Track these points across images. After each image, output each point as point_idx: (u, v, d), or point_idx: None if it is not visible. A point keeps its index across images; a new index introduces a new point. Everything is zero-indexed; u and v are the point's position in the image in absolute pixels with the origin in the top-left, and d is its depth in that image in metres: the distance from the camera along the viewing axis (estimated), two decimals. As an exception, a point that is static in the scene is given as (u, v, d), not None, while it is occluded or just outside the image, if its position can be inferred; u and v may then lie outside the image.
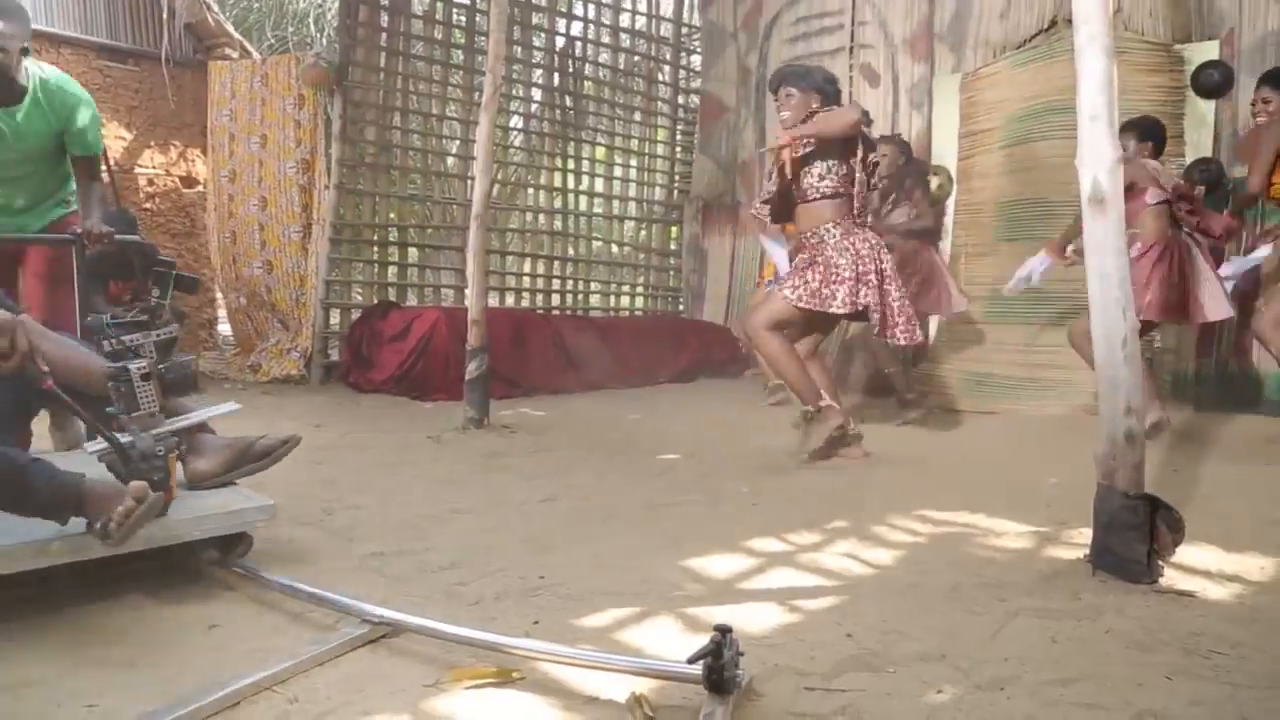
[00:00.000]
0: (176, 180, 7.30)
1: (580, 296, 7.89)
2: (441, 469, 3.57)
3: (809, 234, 3.73)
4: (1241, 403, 5.20)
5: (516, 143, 8.23)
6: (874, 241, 3.68)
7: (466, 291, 4.60)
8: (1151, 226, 4.12)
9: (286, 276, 6.46)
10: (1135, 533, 2.25)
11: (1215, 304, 4.12)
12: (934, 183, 6.30)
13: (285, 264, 6.45)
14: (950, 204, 6.41)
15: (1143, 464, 2.29)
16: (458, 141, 7.10)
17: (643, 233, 8.35)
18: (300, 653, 1.71)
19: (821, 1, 7.28)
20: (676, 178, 8.32)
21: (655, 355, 6.85)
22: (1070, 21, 5.87)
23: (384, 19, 6.49)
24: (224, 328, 7.88)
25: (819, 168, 3.65)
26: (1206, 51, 5.49)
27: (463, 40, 6.94)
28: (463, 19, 6.93)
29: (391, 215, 6.71)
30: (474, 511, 2.95)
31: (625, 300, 8.28)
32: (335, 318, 6.53)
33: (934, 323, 6.47)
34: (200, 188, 7.39)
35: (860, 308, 3.60)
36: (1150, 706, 1.57)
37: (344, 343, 6.34)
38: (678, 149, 8.30)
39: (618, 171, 8.15)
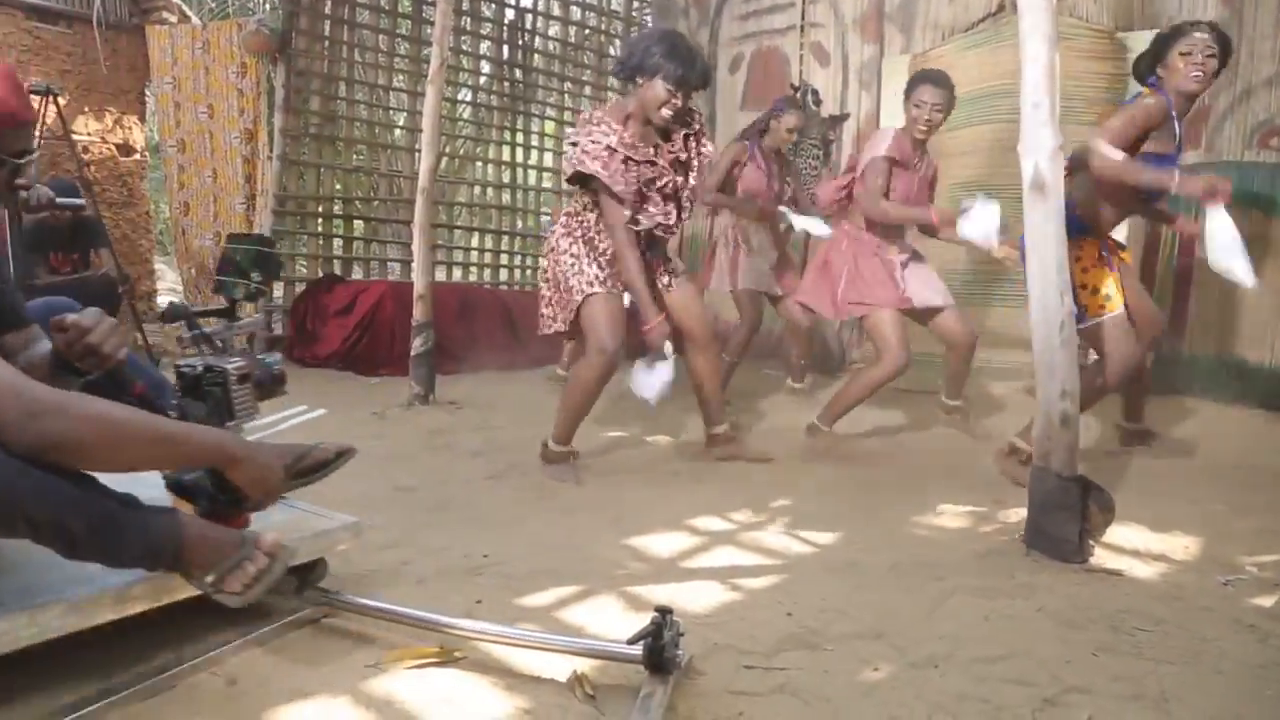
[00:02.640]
0: (113, 148, 7.07)
1: (530, 271, 7.83)
2: (385, 446, 3.54)
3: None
4: (1174, 387, 5.34)
5: (465, 115, 8.09)
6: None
7: (413, 265, 4.54)
8: None
9: (230, 249, 6.32)
10: (1067, 513, 2.31)
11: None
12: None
13: (230, 236, 6.31)
14: (897, 185, 6.48)
15: (1076, 446, 2.35)
16: (405, 113, 6.98)
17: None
18: (237, 634, 1.70)
19: (773, -21, 7.26)
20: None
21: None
22: (1017, 7, 6.03)
23: (328, -15, 6.35)
24: (162, 299, 7.70)
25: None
26: (1147, 40, 5.56)
27: (410, 10, 6.81)
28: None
29: (337, 187, 6.58)
30: (418, 489, 2.93)
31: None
32: (279, 291, 6.41)
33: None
34: (138, 156, 7.18)
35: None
36: (1077, 683, 1.62)
37: (287, 316, 6.23)
38: (628, 124, 8.26)
39: (568, 146, 8.07)
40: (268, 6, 10.15)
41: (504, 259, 7.64)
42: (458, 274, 7.39)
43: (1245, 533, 2.60)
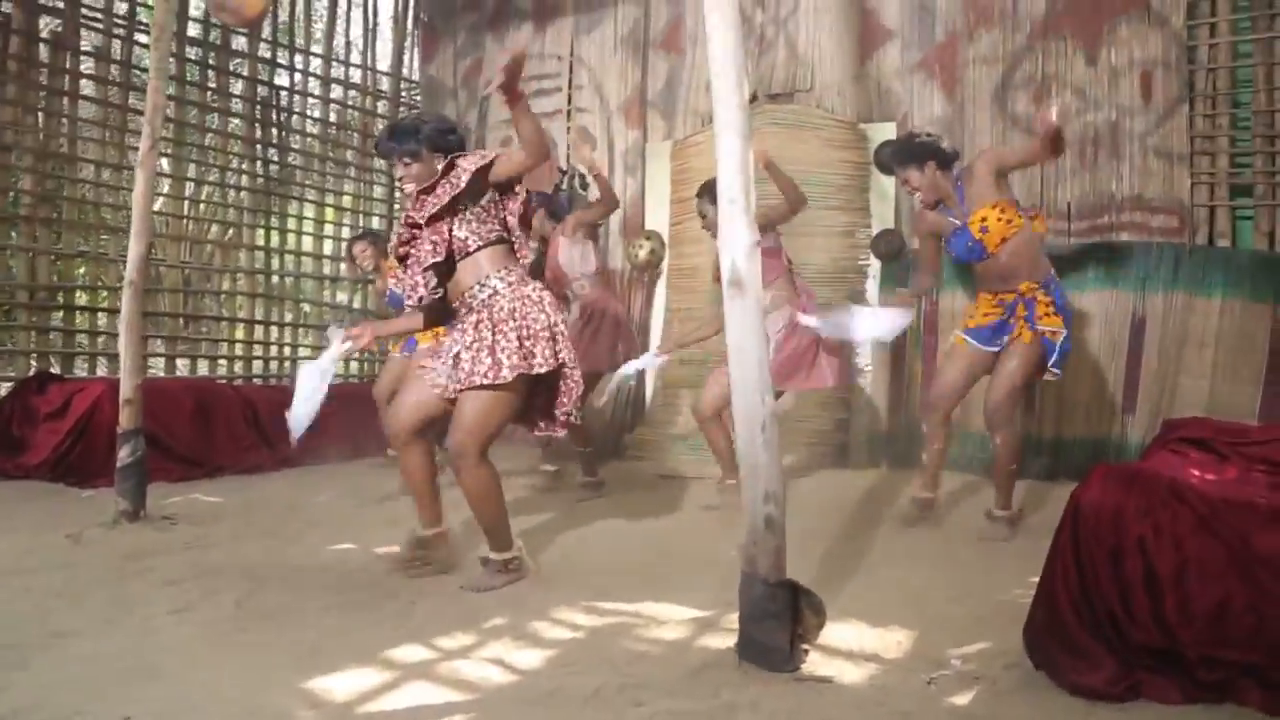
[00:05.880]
0: None
1: (287, 364, 7.42)
2: (61, 578, 3.13)
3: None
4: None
5: (215, 198, 7.63)
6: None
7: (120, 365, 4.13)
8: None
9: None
10: (776, 620, 2.27)
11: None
12: (646, 248, 6.47)
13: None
14: (664, 268, 6.60)
15: (783, 549, 2.32)
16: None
17: (358, 295, 8.00)
18: None
19: (540, 63, 7.33)
20: (394, 238, 8.05)
21: (367, 424, 6.51)
22: (771, 96, 6.34)
23: (43, 53, 5.88)
24: None
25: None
26: (886, 131, 5.97)
27: (143, 81, 6.41)
28: (145, 57, 6.41)
29: (54, 277, 6.02)
30: (80, 633, 2.58)
31: (339, 366, 7.86)
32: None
33: (649, 383, 6.59)
34: None
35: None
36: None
37: (-10, 421, 5.56)
38: (395, 207, 8.06)
39: (329, 230, 7.79)
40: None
41: (257, 350, 7.21)
42: (204, 368, 6.89)
43: (958, 620, 2.65)
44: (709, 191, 4.08)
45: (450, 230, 3.07)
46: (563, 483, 5.01)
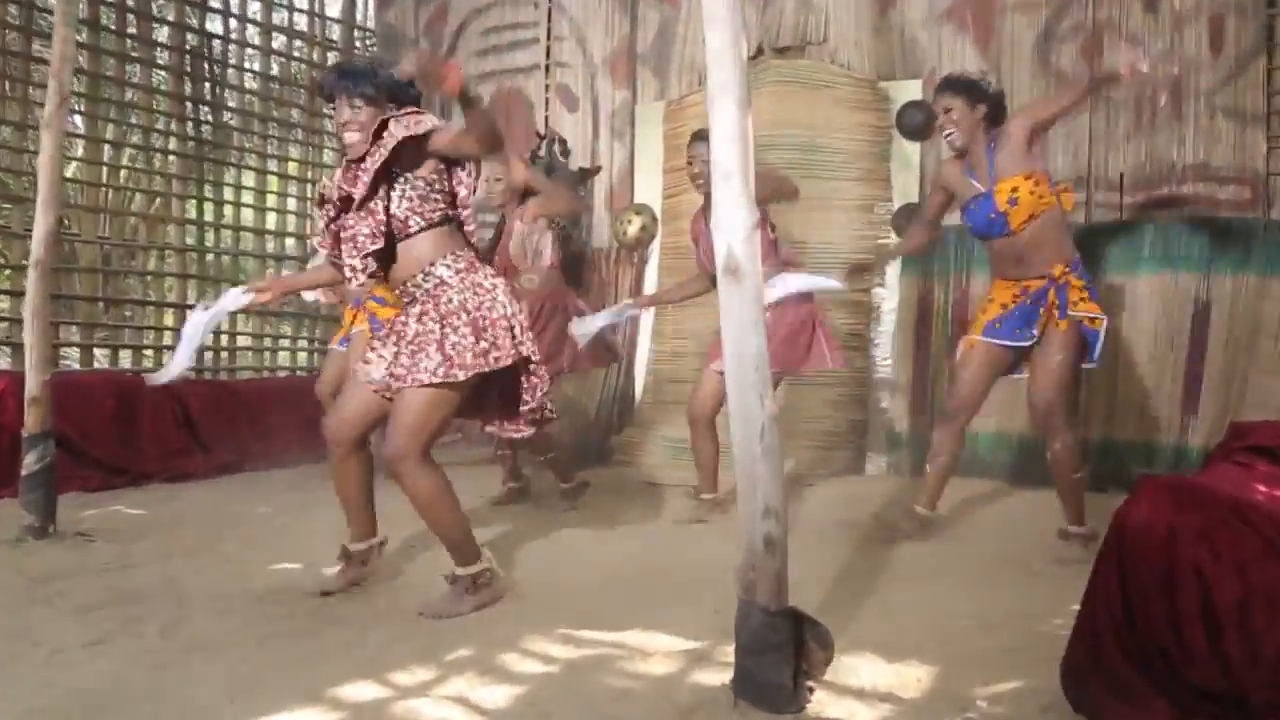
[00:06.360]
0: None
1: (224, 355, 7.40)
2: (-42, 605, 3.12)
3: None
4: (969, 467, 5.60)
5: (137, 164, 7.58)
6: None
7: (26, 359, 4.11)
8: None
9: None
10: (777, 654, 2.26)
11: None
12: (636, 224, 6.45)
13: None
14: (655, 247, 6.58)
15: (785, 572, 2.32)
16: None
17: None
18: None
19: (514, 10, 7.33)
20: (320, 213, 8.02)
21: (311, 424, 6.50)
22: (778, 50, 6.33)
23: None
24: None
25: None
26: (910, 90, 5.97)
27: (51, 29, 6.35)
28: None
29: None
30: (-24, 670, 2.56)
31: (284, 358, 7.87)
32: None
33: (639, 382, 6.59)
34: None
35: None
36: None
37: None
38: (349, 174, 8.04)
39: (273, 201, 7.77)
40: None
41: (191, 339, 7.19)
42: (126, 359, 6.85)
43: (986, 654, 2.64)
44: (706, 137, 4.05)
45: (388, 207, 3.04)
46: (529, 497, 5.00)
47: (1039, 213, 3.75)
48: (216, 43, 7.35)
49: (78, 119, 6.56)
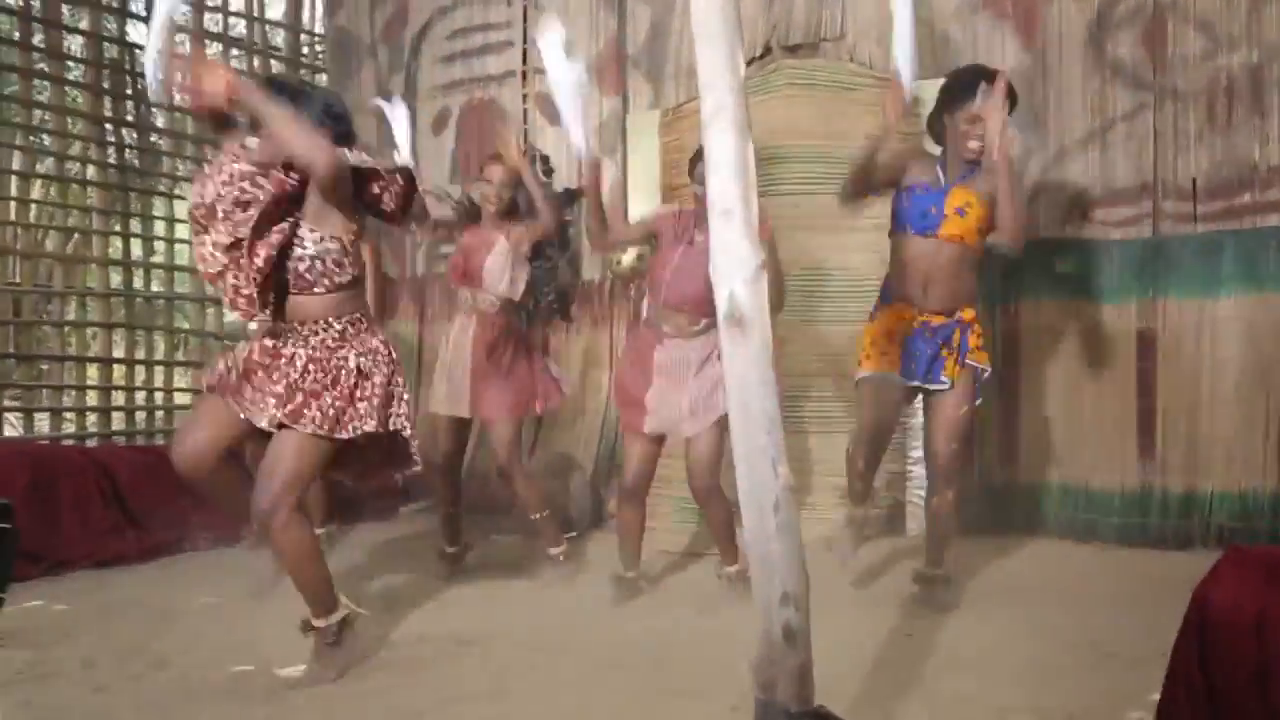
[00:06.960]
0: None
1: (159, 415, 7.47)
2: None
3: None
4: (1017, 522, 5.64)
5: (50, 197, 7.62)
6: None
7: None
8: None
9: None
10: (802, 763, 2.31)
11: None
12: (632, 253, 6.52)
13: None
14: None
15: (809, 666, 2.36)
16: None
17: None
18: None
19: (484, 9, 7.43)
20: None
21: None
22: (788, 49, 6.42)
23: None
24: None
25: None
26: (945, 91, 6.04)
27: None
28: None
29: None
30: None
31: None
32: None
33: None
34: None
35: None
36: None
37: None
38: (297, 203, 8.15)
39: (209, 235, 7.85)
40: None
41: (117, 398, 7.26)
42: (45, 424, 6.94)
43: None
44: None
45: (290, 251, 3.33)
46: (464, 568, 5.11)
47: (971, 241, 4.06)
48: (140, 54, 7.47)
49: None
